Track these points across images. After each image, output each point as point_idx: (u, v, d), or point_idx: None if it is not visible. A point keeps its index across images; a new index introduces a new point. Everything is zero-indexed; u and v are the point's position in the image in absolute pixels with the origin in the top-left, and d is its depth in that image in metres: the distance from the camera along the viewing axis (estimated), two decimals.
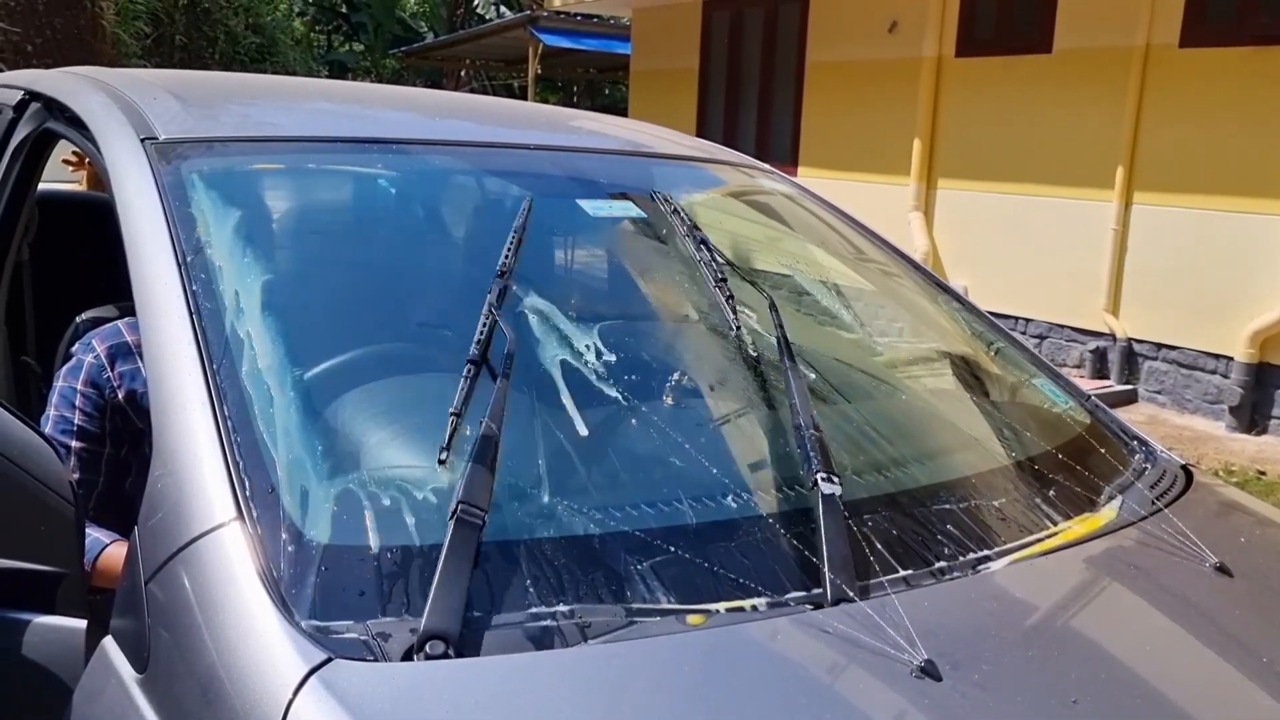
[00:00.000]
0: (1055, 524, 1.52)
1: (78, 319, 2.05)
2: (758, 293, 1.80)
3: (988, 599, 1.32)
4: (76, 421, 1.73)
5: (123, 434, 1.76)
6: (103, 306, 2.05)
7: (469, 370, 1.34)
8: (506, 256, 1.59)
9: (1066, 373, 2.07)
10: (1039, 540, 1.46)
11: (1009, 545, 1.43)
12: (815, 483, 1.33)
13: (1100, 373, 7.33)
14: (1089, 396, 2.00)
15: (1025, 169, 7.57)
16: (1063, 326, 7.57)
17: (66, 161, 3.82)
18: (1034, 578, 1.39)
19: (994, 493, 1.56)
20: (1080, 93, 7.20)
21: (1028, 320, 7.72)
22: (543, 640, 1.09)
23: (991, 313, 2.26)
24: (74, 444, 1.72)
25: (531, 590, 1.14)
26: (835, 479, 1.34)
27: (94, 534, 1.60)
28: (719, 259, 1.82)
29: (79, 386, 1.74)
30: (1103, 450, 1.80)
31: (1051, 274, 7.48)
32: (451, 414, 1.27)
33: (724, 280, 1.74)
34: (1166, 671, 1.25)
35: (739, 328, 1.66)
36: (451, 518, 1.15)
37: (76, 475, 1.70)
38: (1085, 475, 1.67)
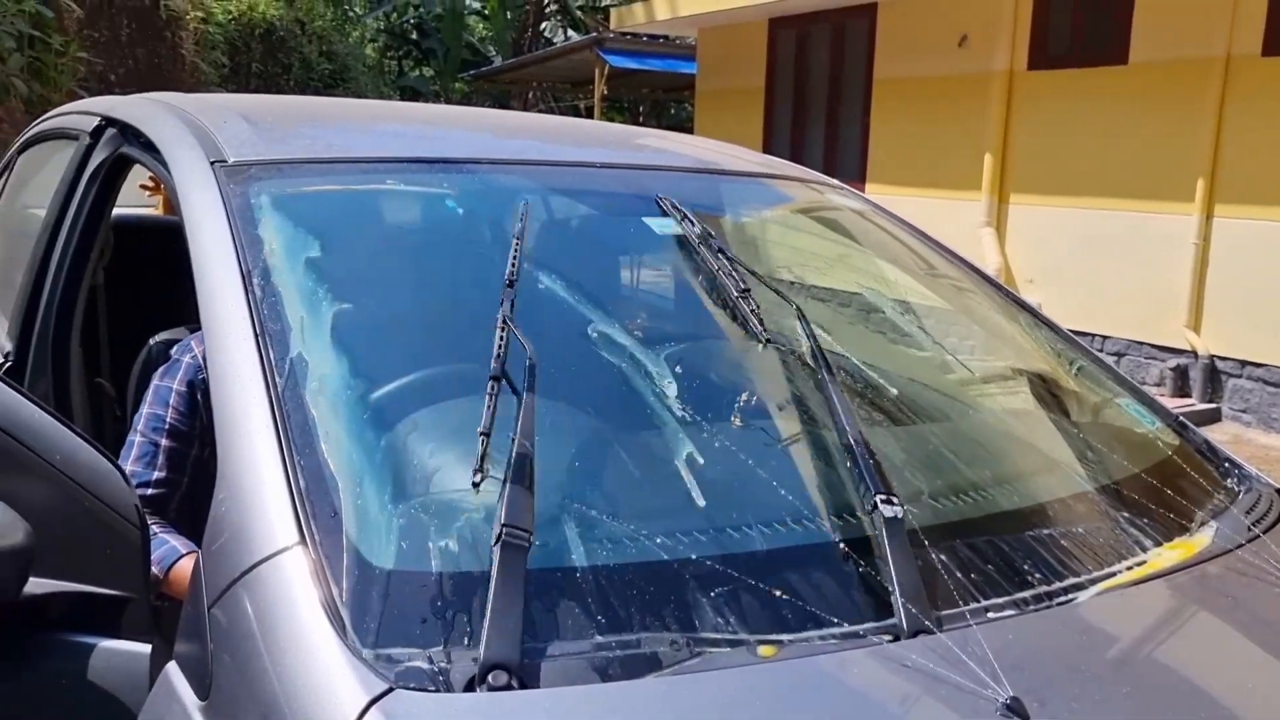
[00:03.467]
0: (1145, 551, 1.44)
1: (151, 341, 2.07)
2: (803, 308, 1.75)
3: (1075, 631, 1.26)
4: (169, 420, 1.74)
5: (209, 435, 1.77)
6: (175, 329, 2.07)
7: (524, 394, 1.30)
8: (511, 265, 1.56)
9: (1149, 392, 1.99)
10: (1129, 569, 1.39)
11: (1097, 574, 1.36)
12: (874, 505, 1.28)
13: (1182, 391, 7.11)
14: (1176, 416, 1.91)
15: (1101, 183, 7.39)
16: (1141, 343, 7.37)
17: (144, 186, 3.91)
18: (1124, 609, 1.32)
19: (1079, 518, 1.50)
20: (1158, 104, 7.03)
21: (1105, 337, 7.53)
22: (608, 671, 1.05)
23: (1068, 330, 2.18)
24: (164, 442, 1.74)
25: (595, 619, 1.11)
26: (895, 500, 1.28)
27: (172, 541, 1.61)
28: (740, 270, 1.77)
29: (175, 386, 1.76)
30: (1193, 473, 1.72)
31: (1129, 290, 7.28)
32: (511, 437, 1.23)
33: (747, 291, 1.69)
34: (1269, 711, 1.18)
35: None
36: (496, 542, 1.11)
37: (164, 473, 1.72)
38: (1176, 500, 1.59)
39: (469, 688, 1.00)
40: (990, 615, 1.23)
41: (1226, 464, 1.80)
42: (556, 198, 2.09)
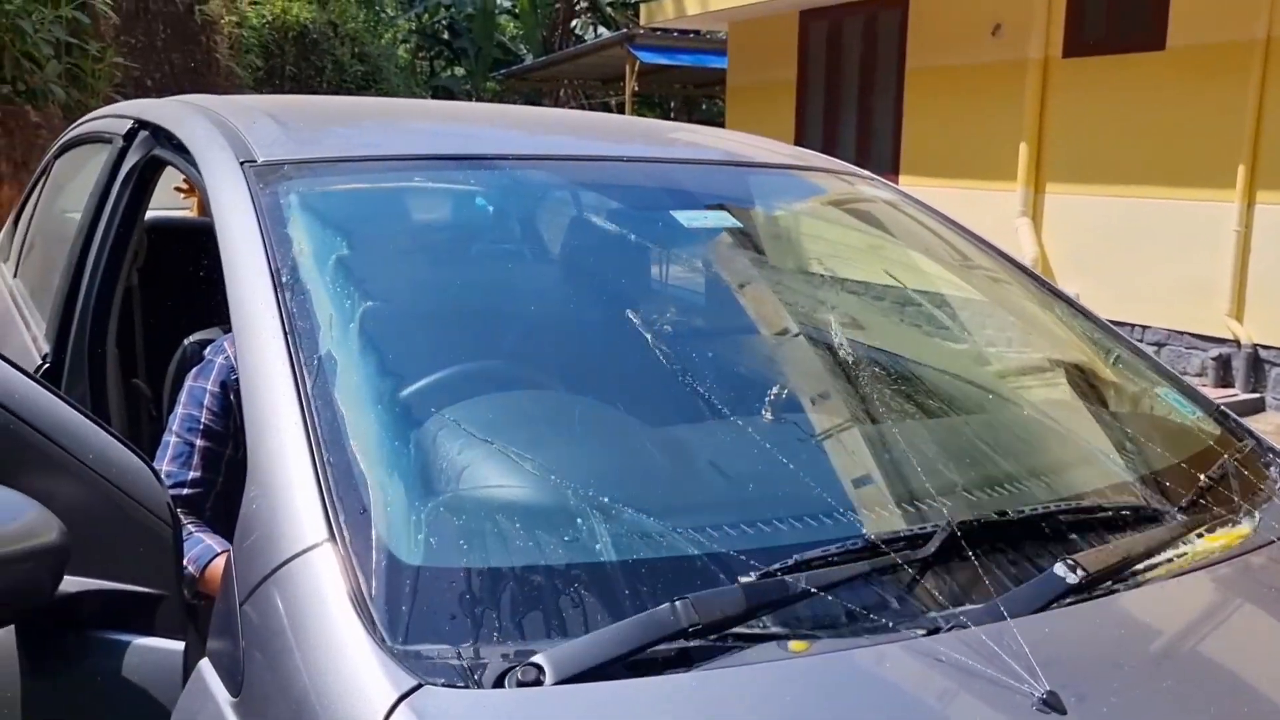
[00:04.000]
0: (1186, 543, 1.41)
1: (185, 341, 2.09)
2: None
3: (1114, 625, 1.23)
4: (203, 420, 1.75)
5: (243, 435, 1.79)
6: (210, 329, 2.09)
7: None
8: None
9: (1189, 382, 1.95)
10: (1169, 561, 1.36)
11: (1136, 567, 1.33)
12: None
13: (1224, 381, 7.00)
14: (1218, 406, 1.88)
15: (1139, 171, 7.29)
16: (1182, 333, 7.25)
17: (179, 189, 3.95)
18: (1165, 601, 1.30)
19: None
20: (1197, 90, 6.91)
21: (1144, 327, 7.42)
22: (638, 667, 1.05)
23: (1107, 320, 2.15)
24: (198, 442, 1.75)
25: (625, 614, 1.10)
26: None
27: (207, 540, 1.62)
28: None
29: (208, 386, 1.77)
30: (1235, 463, 1.69)
31: (1169, 279, 7.18)
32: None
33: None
34: None
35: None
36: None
37: (199, 473, 1.73)
38: (1217, 490, 1.56)
39: (498, 683, 1.00)
40: (1026, 609, 1.21)
41: (1270, 454, 1.76)
42: (585, 192, 2.09)
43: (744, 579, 1.16)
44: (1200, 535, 1.44)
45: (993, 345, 2.14)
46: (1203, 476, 1.58)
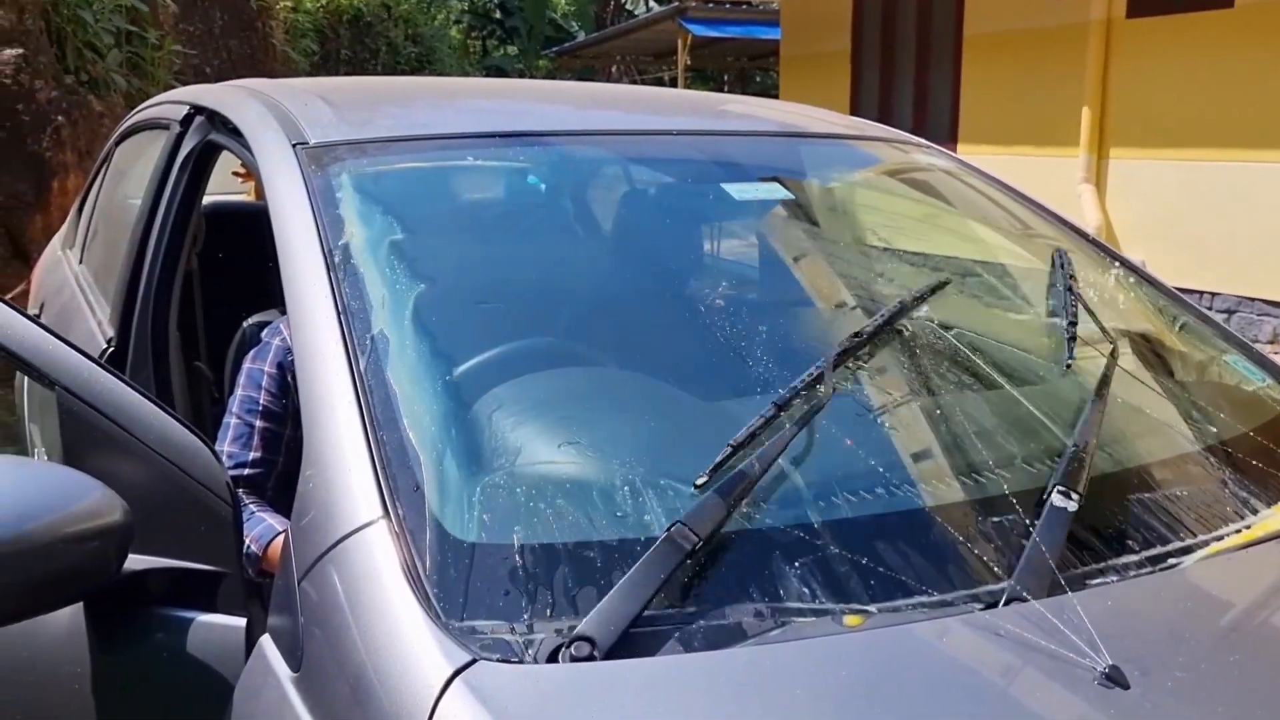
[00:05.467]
0: (1255, 514, 1.38)
1: (245, 323, 2.12)
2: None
3: (1179, 598, 1.20)
4: (261, 401, 1.78)
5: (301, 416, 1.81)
6: (268, 310, 2.12)
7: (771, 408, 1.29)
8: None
9: (1260, 349, 1.89)
10: (1236, 532, 1.33)
11: (1202, 538, 1.30)
12: (1050, 491, 1.25)
13: None
14: None
15: (1207, 133, 7.08)
16: (1253, 300, 7.06)
17: (236, 173, 4.01)
18: (1232, 574, 1.26)
19: (1183, 481, 1.43)
20: (1266, 49, 6.68)
21: (1213, 294, 7.23)
22: (691, 642, 1.04)
23: (1174, 287, 2.09)
24: (258, 423, 1.77)
25: (677, 590, 1.10)
26: (1075, 494, 1.25)
27: (268, 519, 1.65)
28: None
29: (265, 368, 1.79)
30: None
31: (1239, 244, 6.98)
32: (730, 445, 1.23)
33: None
34: None
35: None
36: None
37: (259, 453, 1.76)
38: None
39: (551, 658, 1.00)
40: (1088, 582, 1.18)
41: None
42: (637, 167, 2.07)
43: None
44: (1269, 506, 1.40)
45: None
46: (1273, 445, 1.53)
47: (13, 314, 1.27)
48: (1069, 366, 1.66)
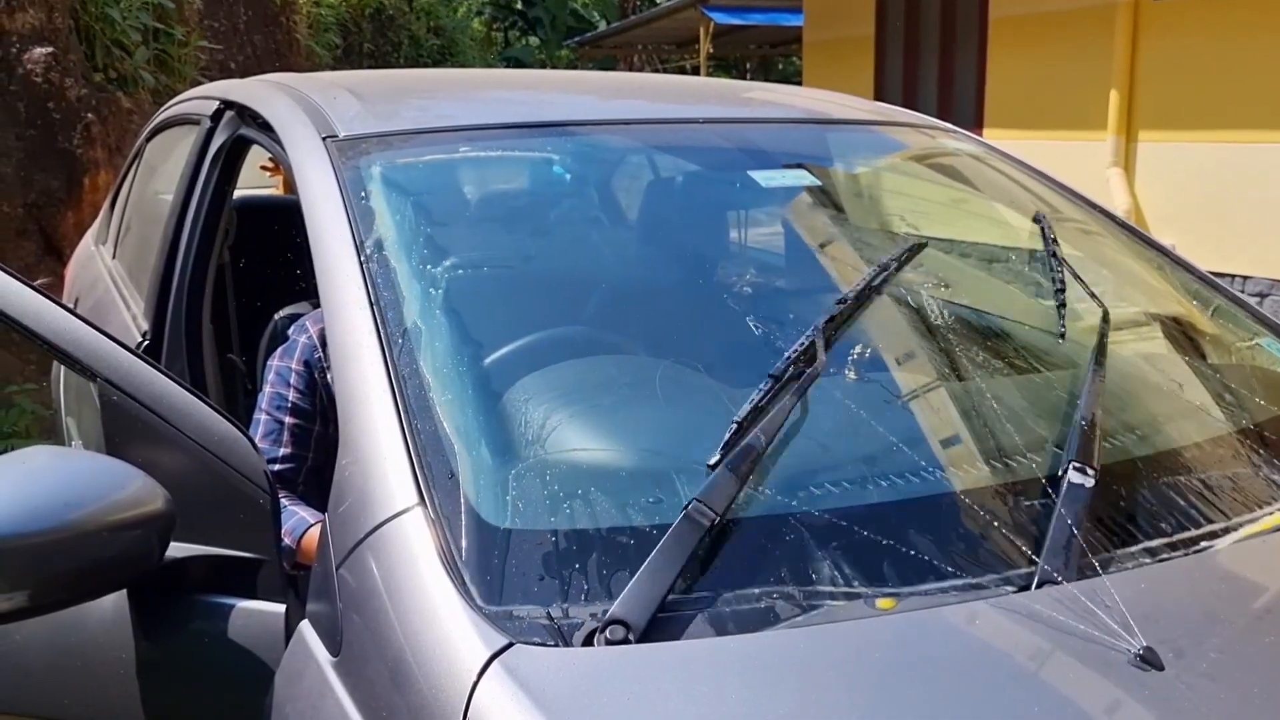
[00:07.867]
0: None
1: (276, 316, 2.15)
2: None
3: (1213, 580, 1.20)
4: (290, 398, 1.80)
5: (331, 412, 1.83)
6: (299, 303, 2.14)
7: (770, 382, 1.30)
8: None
9: None
10: (1271, 514, 1.32)
11: (1236, 521, 1.30)
12: (1067, 468, 1.25)
13: None
14: None
15: (1238, 115, 6.99)
16: None
17: (264, 168, 4.03)
18: (1267, 556, 1.26)
19: (1216, 463, 1.43)
20: None
21: (1245, 278, 7.15)
22: (725, 626, 1.05)
23: (1206, 271, 2.07)
24: (287, 420, 1.79)
25: (712, 574, 1.11)
26: (1090, 470, 1.25)
27: (300, 513, 1.67)
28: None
29: (293, 365, 1.82)
30: None
31: (1272, 226, 6.89)
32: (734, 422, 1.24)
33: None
34: None
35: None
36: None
37: (289, 449, 1.78)
38: None
39: (587, 642, 1.01)
40: (1121, 565, 1.18)
41: None
42: (662, 155, 2.08)
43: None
44: None
45: (1083, 300, 2.09)
46: None
47: (56, 309, 1.29)
48: (1062, 337, 1.66)
